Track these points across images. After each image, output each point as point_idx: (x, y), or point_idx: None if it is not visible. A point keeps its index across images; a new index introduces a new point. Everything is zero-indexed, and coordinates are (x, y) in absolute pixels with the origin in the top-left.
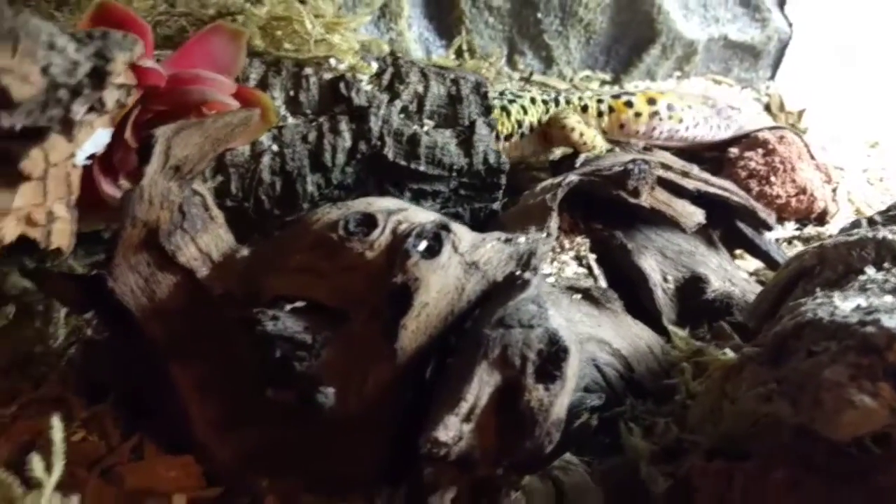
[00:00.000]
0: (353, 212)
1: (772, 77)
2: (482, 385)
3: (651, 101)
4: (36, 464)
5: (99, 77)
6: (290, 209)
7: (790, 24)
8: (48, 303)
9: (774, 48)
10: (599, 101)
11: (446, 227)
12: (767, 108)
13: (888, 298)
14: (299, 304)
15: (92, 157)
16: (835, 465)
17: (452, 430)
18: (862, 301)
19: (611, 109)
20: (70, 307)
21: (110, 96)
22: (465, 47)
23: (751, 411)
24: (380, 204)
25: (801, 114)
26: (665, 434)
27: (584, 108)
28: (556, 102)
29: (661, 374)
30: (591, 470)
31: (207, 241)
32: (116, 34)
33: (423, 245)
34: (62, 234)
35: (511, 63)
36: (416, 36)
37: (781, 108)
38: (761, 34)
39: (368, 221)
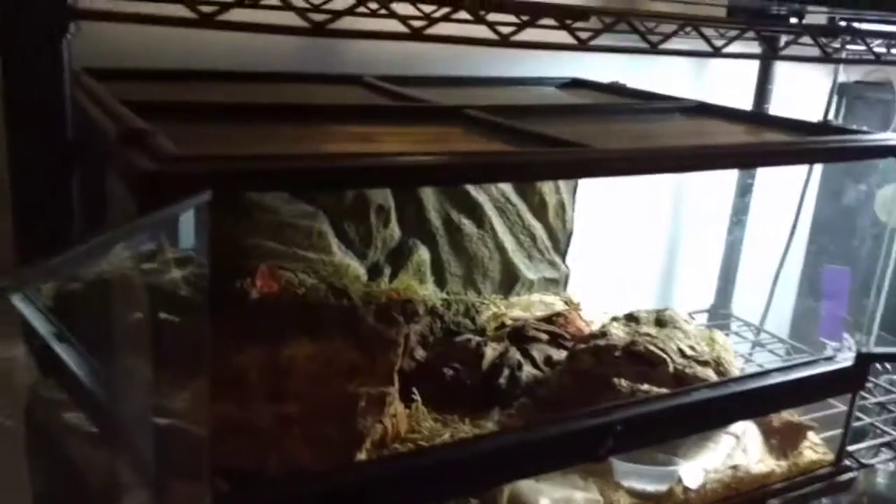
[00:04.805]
0: (467, 338)
1: (565, 290)
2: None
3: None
4: None
5: None
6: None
7: (568, 268)
8: None
9: (563, 278)
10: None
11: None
12: (566, 302)
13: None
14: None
15: None
16: None
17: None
18: None
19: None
20: None
21: None
22: None
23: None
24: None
25: (578, 304)
26: None
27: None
28: None
29: None
30: None
31: (420, 354)
32: None
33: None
34: None
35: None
36: None
37: (571, 302)
38: (558, 273)
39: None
